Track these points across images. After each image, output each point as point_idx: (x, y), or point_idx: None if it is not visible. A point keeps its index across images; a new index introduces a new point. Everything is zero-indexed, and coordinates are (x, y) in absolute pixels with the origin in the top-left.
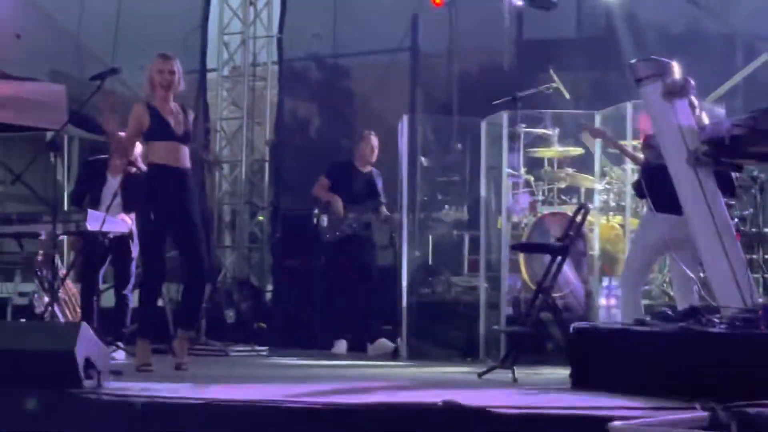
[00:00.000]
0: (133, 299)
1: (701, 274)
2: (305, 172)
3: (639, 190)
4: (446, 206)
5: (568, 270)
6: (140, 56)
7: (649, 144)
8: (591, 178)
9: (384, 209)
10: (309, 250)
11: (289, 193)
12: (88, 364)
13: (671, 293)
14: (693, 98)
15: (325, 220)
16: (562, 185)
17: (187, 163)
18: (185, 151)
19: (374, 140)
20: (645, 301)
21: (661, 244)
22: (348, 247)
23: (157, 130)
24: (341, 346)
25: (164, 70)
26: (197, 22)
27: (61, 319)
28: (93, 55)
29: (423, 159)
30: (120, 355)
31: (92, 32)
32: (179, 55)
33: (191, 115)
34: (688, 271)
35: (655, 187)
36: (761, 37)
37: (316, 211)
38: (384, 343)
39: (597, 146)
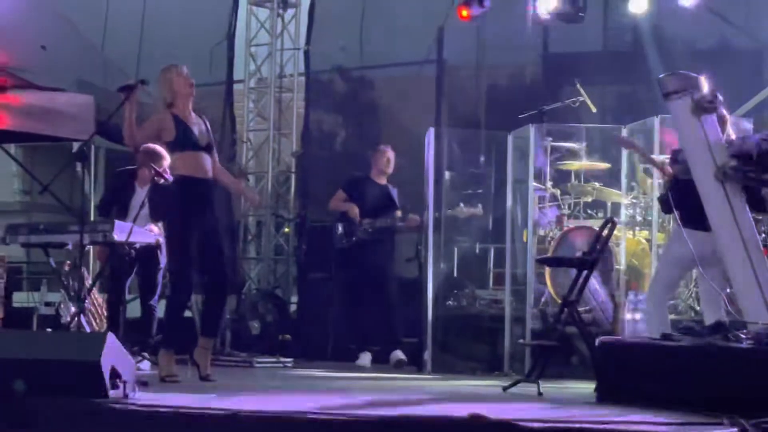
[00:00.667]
0: (159, 309)
1: (728, 290)
2: (331, 184)
3: (665, 204)
4: (461, 203)
5: (595, 284)
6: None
7: (676, 159)
8: (618, 192)
9: (399, 212)
10: (334, 262)
11: (315, 204)
12: (114, 374)
13: (697, 308)
14: (724, 112)
15: (339, 228)
16: (589, 199)
17: (211, 173)
18: (209, 161)
19: (390, 153)
20: (671, 316)
21: (689, 260)
22: (364, 253)
23: (183, 140)
24: (365, 358)
25: (189, 82)
26: (223, 35)
27: (87, 329)
28: (117, 67)
29: (446, 173)
30: (145, 366)
31: (117, 44)
32: (205, 66)
33: (207, 122)
34: (715, 287)
35: (684, 202)
36: None
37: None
38: (396, 355)
39: (624, 160)
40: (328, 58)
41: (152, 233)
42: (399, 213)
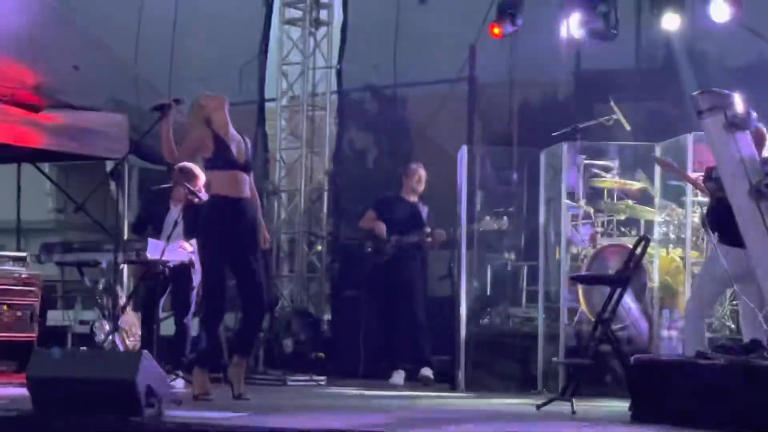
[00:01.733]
0: (193, 327)
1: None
2: (363, 202)
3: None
4: (487, 216)
5: (630, 302)
6: (197, 85)
7: (710, 176)
8: (651, 210)
9: (427, 228)
10: (366, 279)
11: (347, 222)
12: (150, 392)
13: (733, 326)
14: (765, 130)
15: (368, 246)
16: (622, 217)
17: (248, 192)
18: (246, 179)
19: (421, 171)
20: (707, 334)
21: (727, 277)
22: (395, 271)
23: (220, 158)
24: (399, 376)
25: (221, 99)
26: (255, 53)
27: (121, 348)
28: (149, 85)
29: (479, 192)
30: (179, 384)
31: (148, 63)
32: (236, 85)
33: (249, 144)
34: (752, 305)
35: (722, 219)
36: None
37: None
38: (422, 372)
39: (657, 178)
40: (360, 77)
41: (184, 251)
42: (427, 230)
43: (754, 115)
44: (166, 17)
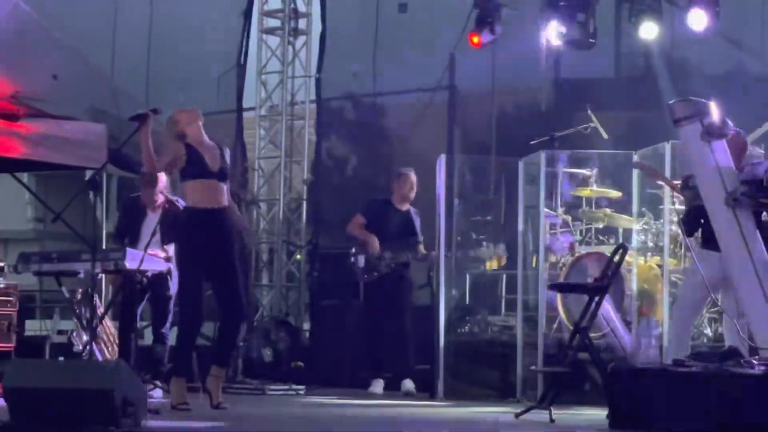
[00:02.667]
0: (171, 337)
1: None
2: (343, 211)
3: (685, 226)
4: (485, 243)
5: (611, 310)
6: (176, 95)
7: (687, 184)
8: (629, 218)
9: (421, 247)
10: (347, 289)
11: (326, 231)
12: (126, 402)
13: (710, 333)
14: (746, 139)
15: (361, 261)
16: (600, 225)
17: (224, 201)
18: (222, 188)
19: (413, 177)
20: None
21: (712, 282)
22: (385, 286)
23: (193, 167)
24: (378, 385)
25: (195, 112)
26: (233, 62)
27: (99, 358)
28: (128, 94)
29: (456, 200)
30: (158, 394)
31: (126, 72)
32: (214, 95)
33: (227, 153)
34: (728, 311)
35: (704, 224)
36: None
37: (353, 250)
38: (405, 384)
39: (635, 186)
40: (340, 85)
41: (161, 260)
42: (421, 239)
43: (730, 123)
44: (144, 27)
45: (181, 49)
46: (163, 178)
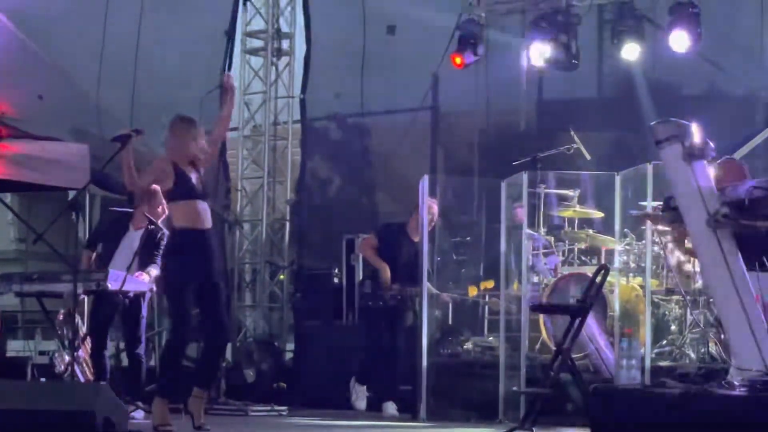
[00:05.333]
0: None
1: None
2: (326, 231)
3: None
4: (481, 272)
5: (596, 331)
6: (159, 116)
7: (669, 205)
8: (611, 239)
9: (431, 287)
10: (330, 309)
11: (309, 252)
12: (108, 423)
13: (693, 354)
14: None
15: (368, 286)
16: (582, 246)
17: (209, 221)
18: (206, 207)
19: (435, 208)
20: (666, 363)
21: None
22: (388, 316)
23: (182, 189)
24: (361, 402)
25: (203, 143)
26: (216, 82)
27: (81, 379)
28: (111, 115)
29: (440, 220)
30: (139, 414)
31: (110, 92)
32: (197, 115)
33: (202, 170)
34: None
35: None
36: None
37: (336, 271)
38: (388, 408)
39: (617, 207)
40: (324, 106)
41: (144, 282)
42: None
43: (712, 144)
44: (129, 47)
45: (165, 69)
46: (163, 200)
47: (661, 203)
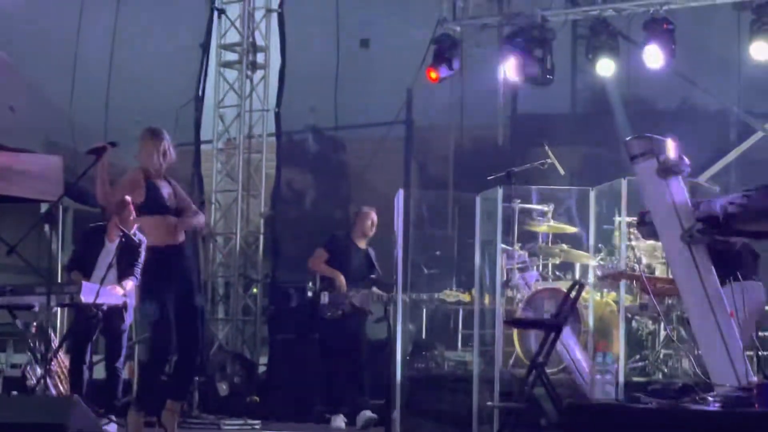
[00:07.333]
0: (124, 372)
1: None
2: (300, 245)
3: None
4: (454, 286)
5: (574, 345)
6: (133, 128)
7: (643, 220)
8: (586, 254)
9: (376, 289)
10: (304, 323)
11: (283, 265)
12: None
13: (666, 370)
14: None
15: (326, 298)
16: (557, 261)
17: (182, 236)
18: (179, 221)
19: (374, 215)
20: (640, 378)
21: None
22: (347, 323)
23: (152, 203)
24: (339, 420)
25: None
26: (191, 95)
27: (53, 392)
28: (85, 127)
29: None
30: (112, 428)
31: (84, 105)
32: (171, 127)
33: (176, 184)
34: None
35: None
36: (755, 113)
37: (310, 284)
38: (365, 414)
39: (592, 222)
40: (299, 119)
41: (118, 294)
42: (380, 275)
43: (686, 160)
44: (102, 60)
45: (140, 81)
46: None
47: (636, 218)
